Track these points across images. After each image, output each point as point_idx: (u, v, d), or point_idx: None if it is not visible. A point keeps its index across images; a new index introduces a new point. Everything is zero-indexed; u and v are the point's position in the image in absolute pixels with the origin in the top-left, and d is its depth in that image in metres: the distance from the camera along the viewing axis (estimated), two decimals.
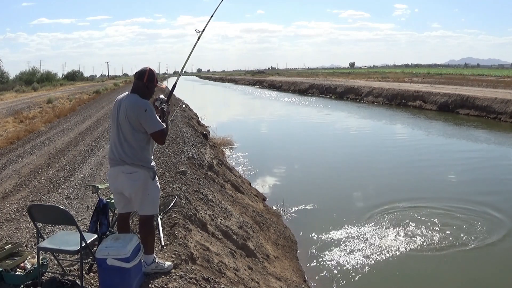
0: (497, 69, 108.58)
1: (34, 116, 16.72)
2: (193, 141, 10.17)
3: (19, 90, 38.98)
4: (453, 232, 7.11)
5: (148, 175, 3.33)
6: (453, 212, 8.01)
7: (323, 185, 10.17)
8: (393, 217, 7.87)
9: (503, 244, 6.75)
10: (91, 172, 7.84)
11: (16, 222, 5.19)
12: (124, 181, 3.29)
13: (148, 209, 3.38)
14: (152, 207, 3.41)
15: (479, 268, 6.08)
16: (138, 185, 3.28)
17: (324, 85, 41.83)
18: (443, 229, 7.21)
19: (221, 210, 6.00)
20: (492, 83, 35.67)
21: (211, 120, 20.85)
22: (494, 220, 7.65)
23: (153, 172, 3.38)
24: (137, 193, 3.31)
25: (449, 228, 7.27)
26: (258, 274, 4.79)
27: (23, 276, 3.36)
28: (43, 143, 11.08)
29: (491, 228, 7.26)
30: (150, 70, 3.38)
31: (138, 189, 3.30)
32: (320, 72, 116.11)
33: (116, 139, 3.32)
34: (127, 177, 3.27)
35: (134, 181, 3.27)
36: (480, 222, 7.49)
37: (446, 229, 7.23)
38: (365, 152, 14.12)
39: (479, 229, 7.21)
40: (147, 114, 3.24)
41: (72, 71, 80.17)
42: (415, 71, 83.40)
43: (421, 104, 26.65)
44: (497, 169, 11.65)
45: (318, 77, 61.75)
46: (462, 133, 17.97)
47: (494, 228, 7.28)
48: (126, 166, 3.27)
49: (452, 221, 7.55)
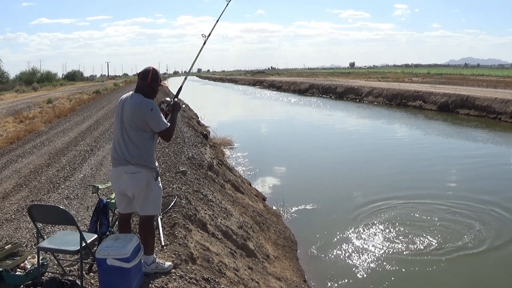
0: (497, 69, 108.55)
1: (34, 116, 16.73)
2: (193, 141, 10.18)
3: (19, 90, 39.03)
4: (453, 232, 7.11)
5: (151, 176, 3.33)
6: (454, 212, 8.01)
7: (323, 185, 10.17)
8: (394, 217, 7.86)
9: (503, 243, 6.75)
10: (91, 172, 7.84)
11: (16, 222, 5.19)
12: (127, 181, 3.28)
13: (150, 210, 3.38)
14: (154, 208, 3.41)
15: (479, 268, 6.07)
16: (141, 185, 3.28)
17: (324, 85, 41.83)
18: (444, 229, 7.21)
19: (221, 210, 6.00)
20: (492, 83, 35.66)
21: (211, 120, 20.86)
22: (494, 220, 7.65)
23: (156, 173, 3.38)
24: (139, 193, 3.30)
25: (449, 228, 7.27)
26: (258, 274, 4.79)
27: (23, 276, 3.36)
28: (43, 143, 11.08)
29: (491, 228, 7.26)
30: (154, 70, 3.39)
31: (141, 189, 3.29)
32: (320, 72, 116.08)
33: (120, 138, 3.32)
34: (131, 177, 3.27)
35: (137, 181, 3.27)
36: (480, 222, 7.49)
37: (446, 229, 7.23)
38: (365, 152, 14.11)
39: (479, 229, 7.20)
40: (153, 114, 3.26)
41: (72, 71, 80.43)
42: (415, 71, 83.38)
43: (421, 104, 26.65)
44: (497, 169, 11.65)
45: (318, 77, 61.74)
46: (462, 133, 17.96)
47: (494, 228, 7.27)
48: (130, 166, 3.27)
49: (453, 221, 7.54)
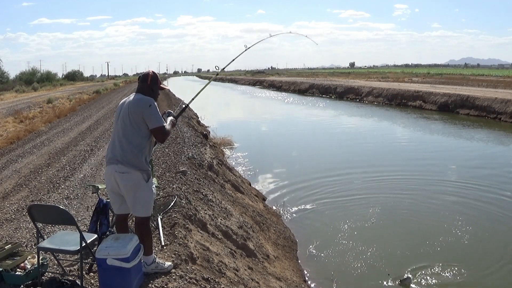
0: (497, 69, 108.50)
1: (34, 116, 16.73)
2: (193, 141, 10.17)
3: (19, 90, 39.04)
4: (454, 232, 7.11)
5: (142, 177, 3.28)
6: (454, 211, 8.01)
7: (324, 185, 10.16)
8: (394, 216, 7.87)
9: (505, 242, 6.76)
10: (91, 172, 7.84)
11: (16, 222, 5.19)
12: (117, 180, 3.26)
13: (140, 211, 3.33)
14: (144, 210, 3.33)
15: (479, 268, 6.07)
16: (129, 186, 3.24)
17: (324, 85, 41.82)
18: (444, 229, 7.21)
19: (221, 210, 6.00)
20: (492, 83, 35.64)
21: (211, 120, 20.85)
22: (495, 219, 7.66)
23: (147, 174, 3.32)
24: (128, 193, 3.27)
25: (449, 228, 7.27)
26: (258, 274, 4.79)
27: (23, 276, 3.36)
28: (43, 143, 11.08)
29: (492, 228, 7.26)
30: (153, 73, 3.46)
31: (129, 190, 3.26)
32: (320, 72, 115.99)
33: (116, 137, 3.32)
34: (120, 176, 3.24)
35: (126, 181, 3.24)
36: (480, 222, 7.50)
37: (447, 229, 7.23)
38: (365, 152, 14.10)
39: (480, 229, 7.21)
40: (151, 109, 3.27)
41: (72, 71, 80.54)
42: (415, 71, 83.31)
43: (421, 104, 26.66)
44: (497, 168, 11.64)
45: (318, 77, 61.70)
46: (462, 133, 17.95)
47: (495, 228, 7.28)
48: (119, 165, 3.24)
49: (453, 221, 7.54)
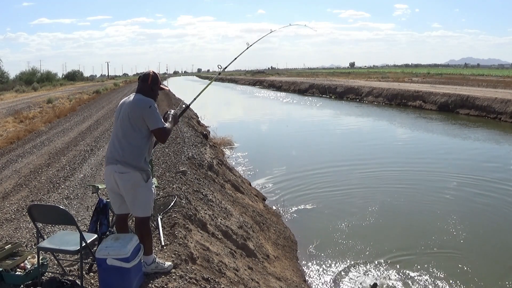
0: (497, 69, 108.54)
1: (34, 116, 16.73)
2: (193, 141, 10.17)
3: (19, 90, 39.04)
4: (454, 232, 7.11)
5: (141, 177, 3.27)
6: (454, 211, 8.00)
7: (323, 185, 10.15)
8: (394, 216, 7.86)
9: (503, 243, 6.76)
10: (91, 172, 7.84)
11: (16, 222, 5.19)
12: (116, 180, 3.26)
13: (139, 211, 3.33)
14: (143, 210, 3.33)
15: (480, 268, 6.07)
16: (128, 186, 3.24)
17: (324, 85, 41.81)
18: (444, 229, 7.21)
19: (221, 210, 6.00)
20: (492, 83, 35.64)
21: (211, 120, 20.85)
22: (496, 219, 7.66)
23: (147, 175, 3.32)
24: (127, 193, 3.27)
25: (450, 227, 7.27)
26: (258, 274, 4.79)
27: (23, 276, 3.36)
28: (43, 143, 11.08)
29: (492, 229, 7.26)
30: (154, 73, 3.44)
31: (128, 190, 3.25)
32: (320, 72, 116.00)
33: (115, 137, 3.32)
34: (119, 176, 3.24)
35: (125, 181, 3.23)
36: (480, 223, 7.49)
37: (447, 228, 7.23)
38: (365, 152, 14.09)
39: (480, 230, 7.21)
40: (151, 110, 3.26)
41: (72, 71, 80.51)
42: (415, 71, 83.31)
43: (421, 104, 26.66)
44: (496, 168, 11.64)
45: (318, 77, 61.70)
46: (461, 133, 17.95)
47: (496, 228, 7.28)
48: (118, 165, 3.23)
49: (453, 220, 7.54)
